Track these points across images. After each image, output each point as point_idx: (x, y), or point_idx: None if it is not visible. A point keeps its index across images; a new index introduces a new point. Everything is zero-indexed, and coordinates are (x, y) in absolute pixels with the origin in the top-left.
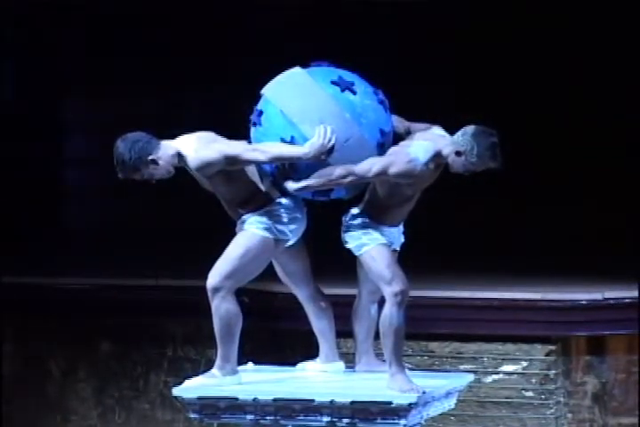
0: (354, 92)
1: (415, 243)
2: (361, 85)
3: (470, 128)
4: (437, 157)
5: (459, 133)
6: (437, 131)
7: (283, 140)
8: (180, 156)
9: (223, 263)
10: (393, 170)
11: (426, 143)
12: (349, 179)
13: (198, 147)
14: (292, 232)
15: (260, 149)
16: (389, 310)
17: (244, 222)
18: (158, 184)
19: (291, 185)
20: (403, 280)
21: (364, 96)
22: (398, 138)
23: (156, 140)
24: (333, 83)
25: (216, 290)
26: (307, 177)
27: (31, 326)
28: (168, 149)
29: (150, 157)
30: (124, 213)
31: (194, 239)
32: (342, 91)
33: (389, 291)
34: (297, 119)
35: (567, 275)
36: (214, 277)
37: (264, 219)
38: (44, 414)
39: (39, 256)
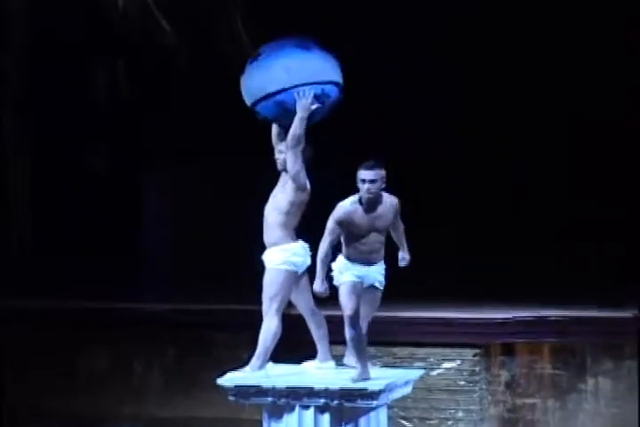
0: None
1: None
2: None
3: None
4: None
5: None
6: None
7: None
8: None
9: (263, 293)
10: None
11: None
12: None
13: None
14: (300, 267)
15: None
16: (347, 327)
17: (265, 256)
18: (213, 230)
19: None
20: (352, 308)
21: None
22: None
23: None
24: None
25: (265, 312)
26: None
27: (121, 336)
28: None
29: None
30: (190, 257)
31: (230, 276)
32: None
33: (345, 315)
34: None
35: (489, 301)
36: (263, 303)
37: (281, 254)
38: (130, 397)
39: (132, 289)
